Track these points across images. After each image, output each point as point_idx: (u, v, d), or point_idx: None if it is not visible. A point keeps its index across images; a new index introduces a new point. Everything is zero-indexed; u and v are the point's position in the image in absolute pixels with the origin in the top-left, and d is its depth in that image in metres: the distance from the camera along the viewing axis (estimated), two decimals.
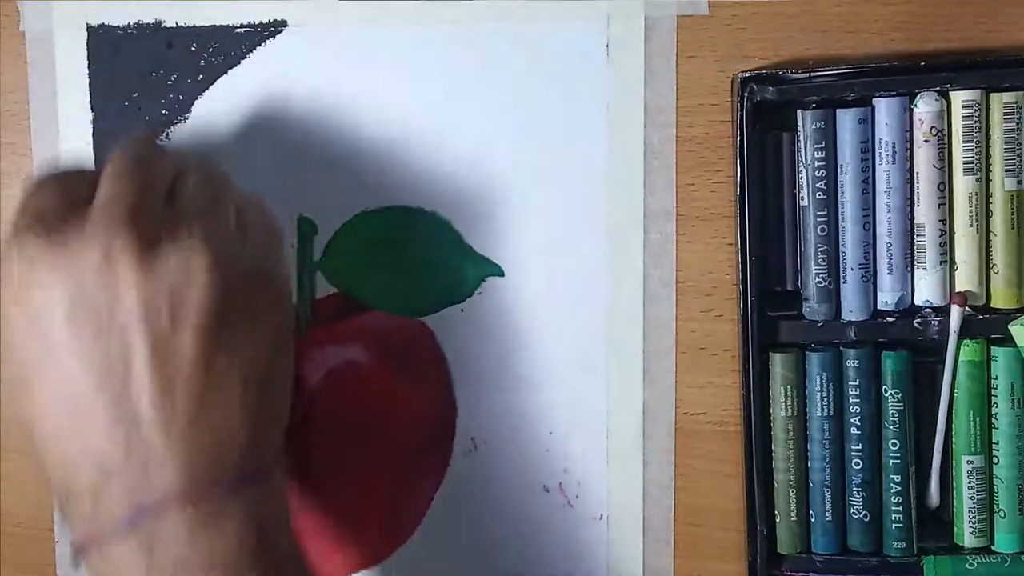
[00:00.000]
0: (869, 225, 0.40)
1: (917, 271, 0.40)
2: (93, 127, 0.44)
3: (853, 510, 0.41)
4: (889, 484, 0.40)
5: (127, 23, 0.43)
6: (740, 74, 0.40)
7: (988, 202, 0.39)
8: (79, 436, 0.32)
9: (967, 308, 0.40)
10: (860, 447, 0.40)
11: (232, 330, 0.33)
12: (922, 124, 0.39)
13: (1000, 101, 0.39)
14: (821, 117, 0.39)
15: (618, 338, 0.42)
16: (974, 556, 0.40)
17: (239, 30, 0.43)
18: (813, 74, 0.39)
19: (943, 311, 0.40)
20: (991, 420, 0.40)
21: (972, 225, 0.39)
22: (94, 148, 0.44)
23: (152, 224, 0.33)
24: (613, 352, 0.42)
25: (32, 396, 0.33)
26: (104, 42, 0.43)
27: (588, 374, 0.42)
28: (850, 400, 0.40)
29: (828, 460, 0.41)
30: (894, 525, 0.41)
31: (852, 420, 0.40)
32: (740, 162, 0.40)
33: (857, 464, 0.40)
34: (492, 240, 0.42)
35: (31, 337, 0.32)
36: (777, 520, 0.41)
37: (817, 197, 0.40)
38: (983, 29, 0.40)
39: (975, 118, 0.39)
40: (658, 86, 0.41)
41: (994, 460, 0.40)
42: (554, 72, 0.42)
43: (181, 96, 0.43)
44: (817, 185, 0.40)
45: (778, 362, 0.41)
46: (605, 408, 0.42)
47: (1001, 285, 0.39)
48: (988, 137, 0.39)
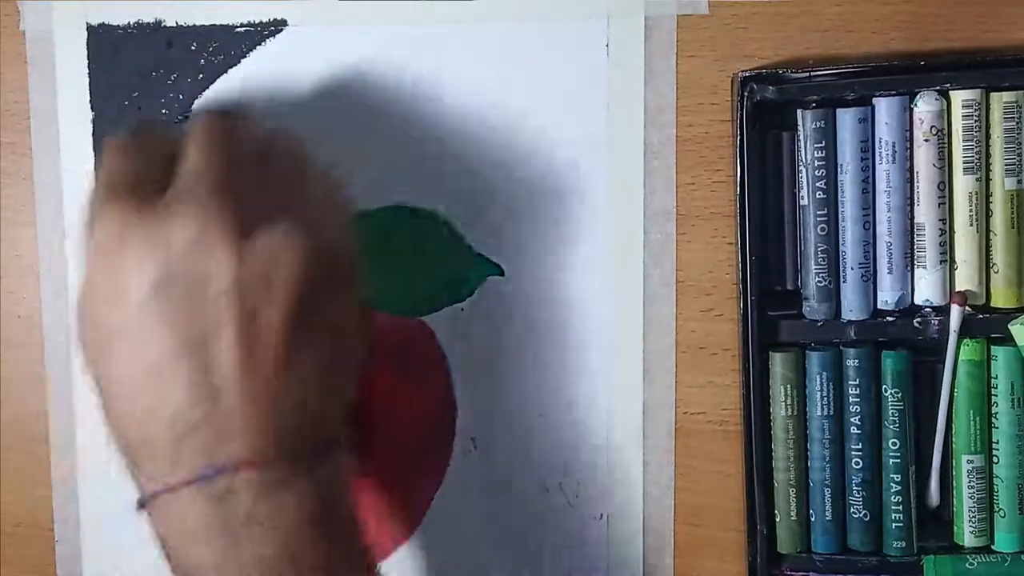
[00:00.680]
0: (869, 224, 0.40)
1: (917, 270, 0.40)
2: (93, 127, 0.44)
3: (853, 509, 0.41)
4: (889, 483, 0.40)
5: (127, 23, 0.43)
6: (740, 74, 0.40)
7: (988, 201, 0.39)
8: (158, 399, 0.32)
9: (967, 307, 0.40)
10: (860, 446, 0.40)
11: (313, 307, 0.34)
12: (922, 123, 0.39)
13: (1000, 100, 0.39)
14: (821, 117, 0.39)
15: (618, 338, 0.42)
16: (974, 555, 0.40)
17: (239, 30, 0.43)
18: (813, 74, 0.39)
19: (943, 310, 0.40)
20: (991, 419, 0.40)
21: (972, 224, 0.39)
22: (94, 148, 0.44)
23: (244, 200, 0.33)
24: (613, 352, 0.42)
25: (111, 359, 0.33)
26: (104, 42, 0.43)
27: (588, 374, 0.42)
28: (850, 399, 0.40)
29: (828, 459, 0.41)
30: (894, 524, 0.41)
31: (852, 419, 0.40)
32: (740, 162, 0.40)
33: (857, 463, 0.40)
34: (492, 240, 0.42)
35: (115, 303, 0.33)
36: (777, 520, 0.41)
37: (817, 196, 0.40)
38: (983, 29, 0.40)
39: (975, 117, 0.39)
40: (658, 86, 0.41)
41: (994, 459, 0.40)
42: (554, 72, 0.42)
43: (181, 96, 0.43)
44: (817, 184, 0.40)
45: (778, 361, 0.41)
46: (605, 408, 0.42)
47: (1001, 284, 0.39)
48: (988, 136, 0.39)
